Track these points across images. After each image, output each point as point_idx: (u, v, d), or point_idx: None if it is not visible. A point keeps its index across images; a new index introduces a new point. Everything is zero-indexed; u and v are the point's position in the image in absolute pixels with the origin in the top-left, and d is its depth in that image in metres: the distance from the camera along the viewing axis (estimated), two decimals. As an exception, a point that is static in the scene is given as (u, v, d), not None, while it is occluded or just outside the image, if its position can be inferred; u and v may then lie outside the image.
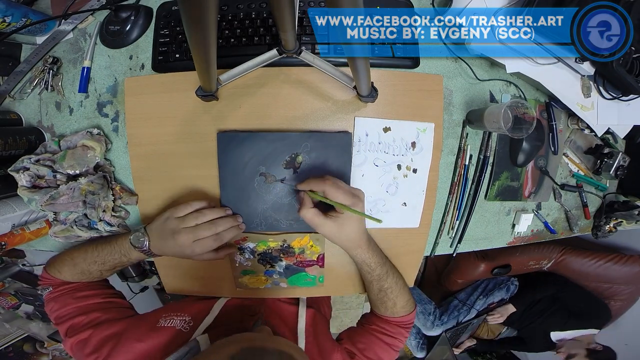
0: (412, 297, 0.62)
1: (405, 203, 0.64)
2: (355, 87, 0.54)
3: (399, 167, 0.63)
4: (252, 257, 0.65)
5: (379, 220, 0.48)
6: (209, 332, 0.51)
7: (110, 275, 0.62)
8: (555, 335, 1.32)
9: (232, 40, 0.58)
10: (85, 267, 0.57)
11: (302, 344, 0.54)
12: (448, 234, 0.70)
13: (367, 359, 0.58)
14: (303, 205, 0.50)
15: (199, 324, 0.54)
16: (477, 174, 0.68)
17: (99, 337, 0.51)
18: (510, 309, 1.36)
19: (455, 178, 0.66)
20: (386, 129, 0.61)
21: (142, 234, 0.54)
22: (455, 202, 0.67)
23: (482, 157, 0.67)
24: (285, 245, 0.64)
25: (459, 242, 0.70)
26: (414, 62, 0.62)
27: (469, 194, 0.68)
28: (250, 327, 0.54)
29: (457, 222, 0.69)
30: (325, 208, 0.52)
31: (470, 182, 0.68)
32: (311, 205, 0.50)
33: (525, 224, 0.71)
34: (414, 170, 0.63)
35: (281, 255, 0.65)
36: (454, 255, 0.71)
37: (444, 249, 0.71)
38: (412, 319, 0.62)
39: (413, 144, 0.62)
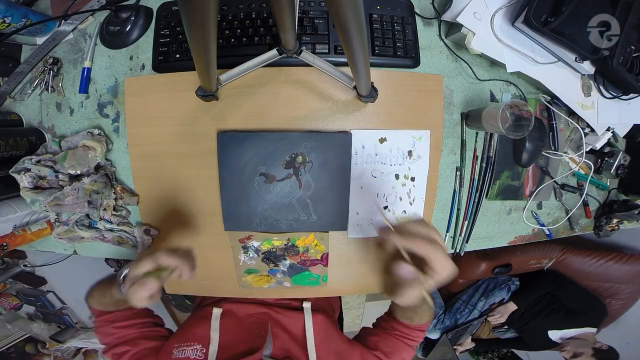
0: (432, 309, 0.62)
1: (405, 211, 0.64)
2: (355, 87, 0.54)
3: (397, 176, 0.63)
4: (256, 255, 0.65)
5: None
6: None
7: None
8: (554, 335, 1.32)
9: (232, 40, 0.58)
10: (109, 302, 0.57)
11: (313, 359, 0.55)
12: (451, 233, 0.70)
13: None
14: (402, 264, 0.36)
15: (208, 350, 0.55)
16: (482, 173, 0.67)
17: None
18: (511, 307, 1.36)
19: (463, 173, 0.66)
20: (382, 140, 0.61)
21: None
22: (458, 200, 0.67)
23: (486, 156, 0.67)
24: (289, 243, 0.64)
25: (467, 241, 0.70)
26: (414, 62, 0.61)
27: (474, 193, 0.68)
28: (260, 349, 0.55)
29: (465, 221, 0.69)
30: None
31: (476, 182, 0.68)
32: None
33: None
34: (412, 179, 0.63)
35: (285, 254, 0.65)
36: (462, 254, 0.71)
37: (447, 248, 0.71)
38: (429, 323, 0.65)
39: (409, 153, 0.62)
